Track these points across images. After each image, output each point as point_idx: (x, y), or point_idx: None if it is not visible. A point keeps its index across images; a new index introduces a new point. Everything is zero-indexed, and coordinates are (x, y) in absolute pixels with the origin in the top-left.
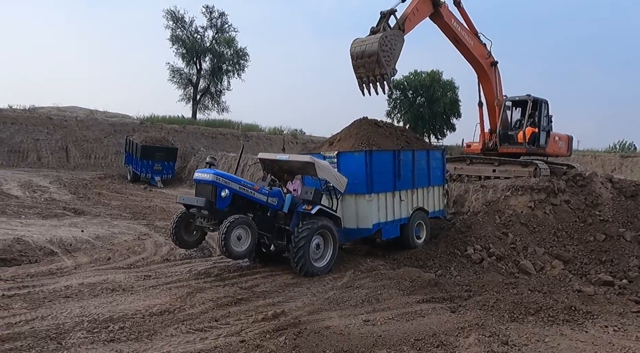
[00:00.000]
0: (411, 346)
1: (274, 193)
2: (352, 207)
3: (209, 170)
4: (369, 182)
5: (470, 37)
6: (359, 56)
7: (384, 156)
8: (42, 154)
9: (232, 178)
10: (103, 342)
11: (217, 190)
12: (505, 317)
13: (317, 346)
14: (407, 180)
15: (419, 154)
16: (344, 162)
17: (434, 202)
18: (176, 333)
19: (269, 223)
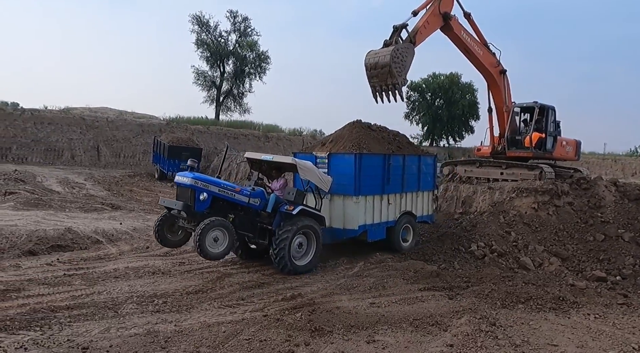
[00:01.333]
0: (410, 324)
1: (256, 193)
2: (340, 208)
3: (189, 174)
4: (357, 184)
5: (480, 47)
6: (372, 67)
7: (373, 159)
8: (75, 152)
9: (211, 181)
10: (150, 312)
11: (196, 194)
12: (497, 304)
13: (328, 321)
14: (396, 184)
15: (410, 159)
16: (334, 163)
17: (423, 207)
18: (210, 308)
19: (251, 223)
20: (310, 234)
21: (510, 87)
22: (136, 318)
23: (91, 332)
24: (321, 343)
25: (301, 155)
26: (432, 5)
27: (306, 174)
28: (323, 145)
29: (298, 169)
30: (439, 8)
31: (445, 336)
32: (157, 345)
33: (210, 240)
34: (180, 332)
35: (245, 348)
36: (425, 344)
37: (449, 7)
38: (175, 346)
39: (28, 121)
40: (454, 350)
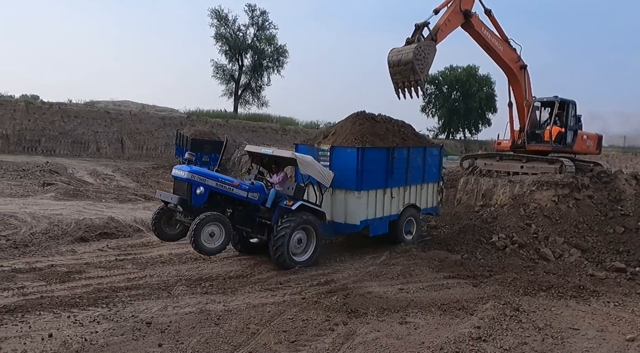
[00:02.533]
0: (438, 308)
1: (255, 188)
2: (342, 202)
3: (186, 167)
4: (359, 179)
5: (500, 43)
6: (395, 64)
7: (376, 153)
8: (100, 145)
9: (209, 175)
10: (199, 294)
11: (193, 188)
12: (519, 291)
13: (362, 304)
14: (400, 177)
15: (415, 150)
16: (336, 157)
17: (427, 199)
18: (252, 291)
19: (250, 218)
20: (310, 230)
21: (531, 81)
22: (188, 299)
23: (151, 309)
24: (358, 323)
25: (303, 147)
26: (453, 3)
27: (306, 168)
28: (325, 137)
29: (298, 163)
30: (459, 6)
31: (472, 319)
32: (211, 322)
33: (206, 235)
34: (229, 311)
35: (289, 326)
36: (454, 326)
37: (469, 4)
38: (227, 323)
39: (56, 114)
40: (481, 331)
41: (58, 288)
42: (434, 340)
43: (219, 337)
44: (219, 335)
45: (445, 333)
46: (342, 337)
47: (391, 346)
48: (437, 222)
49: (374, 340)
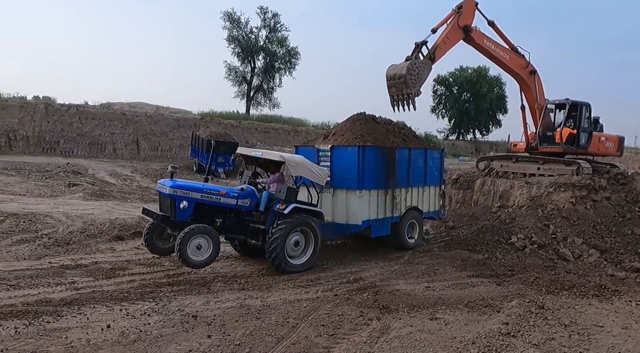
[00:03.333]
0: (465, 305)
1: (245, 194)
2: (343, 202)
3: (168, 182)
4: (361, 178)
5: (506, 52)
6: (391, 78)
7: (377, 152)
8: (117, 146)
9: (192, 187)
10: (237, 290)
11: (176, 202)
12: (542, 290)
13: (392, 301)
14: (402, 178)
15: (416, 152)
16: (337, 156)
17: (429, 202)
18: (286, 288)
19: (243, 225)
20: (308, 231)
21: (543, 85)
22: (227, 294)
23: (194, 303)
24: (390, 319)
25: (304, 149)
26: (452, 20)
27: (297, 169)
28: (325, 138)
29: (287, 165)
30: (458, 22)
31: (499, 316)
32: (252, 316)
33: (192, 249)
34: (268, 306)
35: (327, 321)
36: (482, 322)
37: (469, 19)
38: (267, 317)
39: (73, 116)
40: (509, 327)
41: (105, 283)
42: (465, 335)
43: (262, 330)
44: (262, 328)
45: (475, 328)
46: (378, 331)
47: (425, 340)
48: (455, 222)
49: (408, 335)
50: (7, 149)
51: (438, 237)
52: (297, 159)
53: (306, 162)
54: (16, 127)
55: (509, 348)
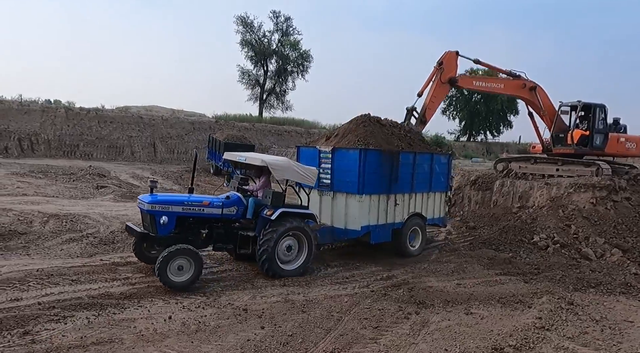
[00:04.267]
0: (497, 301)
1: (230, 202)
2: (342, 206)
3: (146, 198)
4: (361, 182)
5: (498, 82)
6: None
7: (380, 156)
8: (134, 149)
9: (172, 201)
10: (279, 286)
11: (156, 218)
12: (569, 287)
13: (427, 297)
14: (405, 183)
15: (421, 156)
16: (338, 159)
17: (434, 209)
18: (324, 284)
19: (231, 234)
20: (300, 236)
21: (547, 94)
22: (270, 290)
23: (242, 298)
24: (428, 313)
25: (306, 149)
26: (435, 78)
27: (282, 173)
28: (328, 139)
29: (271, 169)
30: (441, 78)
31: (532, 311)
32: (298, 310)
33: (174, 269)
34: (311, 301)
35: (368, 315)
36: (516, 317)
37: (452, 72)
38: (312, 311)
39: (92, 120)
40: (543, 322)
41: (156, 279)
42: (501, 329)
43: (309, 322)
44: (309, 321)
45: (510, 322)
46: (418, 324)
47: (464, 333)
48: (476, 222)
49: (447, 328)
50: (29, 152)
51: (461, 237)
52: (280, 162)
53: (291, 163)
54: (38, 130)
55: (545, 341)
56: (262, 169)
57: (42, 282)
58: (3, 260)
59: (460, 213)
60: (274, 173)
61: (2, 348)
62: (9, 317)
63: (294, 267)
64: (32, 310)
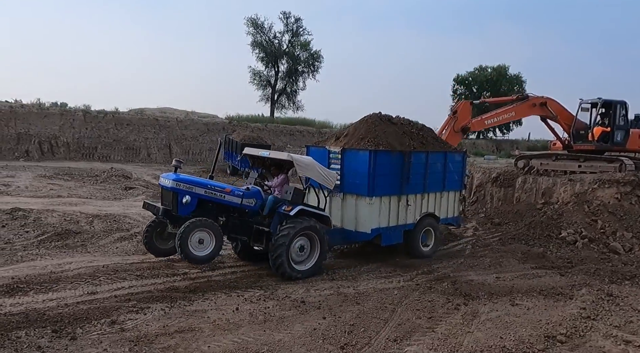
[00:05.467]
0: (538, 293)
1: (250, 194)
2: (352, 208)
3: (171, 175)
4: (371, 184)
5: (509, 111)
6: None
7: (391, 157)
8: (150, 150)
9: (196, 182)
10: (328, 280)
11: (178, 197)
12: (605, 280)
13: (471, 289)
14: (417, 183)
15: (434, 155)
16: (348, 160)
17: (448, 208)
18: (370, 278)
19: (246, 226)
20: (313, 236)
21: (560, 103)
22: (321, 283)
23: (297, 291)
24: (476, 305)
25: (315, 149)
26: (448, 128)
27: (305, 170)
28: (337, 139)
29: (295, 165)
30: (454, 127)
31: (575, 302)
32: (353, 302)
33: (194, 243)
34: (362, 294)
35: (420, 306)
36: (560, 308)
37: (466, 120)
38: (365, 303)
39: (110, 122)
40: (588, 311)
41: (214, 274)
42: (549, 318)
43: (366, 313)
44: (365, 312)
45: (556, 313)
46: (469, 314)
47: (514, 322)
48: (501, 218)
49: (498, 318)
50: (49, 155)
51: (488, 233)
52: (305, 159)
53: (315, 164)
54: (57, 134)
55: (593, 330)
56: (280, 168)
57: (111, 277)
58: (69, 257)
59: (484, 210)
60: (297, 169)
61: (97, 336)
62: (92, 308)
63: (305, 268)
64: (110, 302)
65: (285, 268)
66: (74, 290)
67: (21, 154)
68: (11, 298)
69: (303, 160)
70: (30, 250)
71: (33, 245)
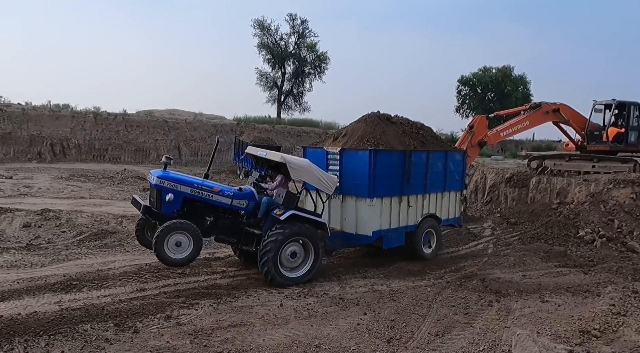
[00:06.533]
0: (566, 290)
1: (242, 194)
2: (352, 210)
3: (157, 172)
4: (372, 184)
5: (522, 121)
6: None
7: (391, 157)
8: (160, 152)
9: (182, 180)
10: (361, 278)
11: (162, 194)
12: (628, 278)
13: (500, 287)
14: (418, 184)
15: (435, 155)
16: (347, 160)
17: (449, 209)
18: (400, 276)
19: (237, 227)
20: (307, 243)
21: (572, 108)
22: (355, 281)
23: (334, 288)
24: (507, 301)
25: (312, 150)
26: (466, 142)
27: (300, 174)
28: (335, 139)
29: (288, 168)
30: (471, 142)
31: (603, 299)
32: (389, 298)
33: (171, 245)
34: (396, 291)
35: (454, 302)
36: (589, 304)
37: (482, 133)
38: (401, 299)
39: (120, 124)
40: (617, 308)
41: (249, 272)
42: (581, 314)
43: (404, 309)
44: (403, 308)
45: (586, 309)
46: (503, 310)
47: (547, 318)
48: (517, 218)
49: (531, 313)
50: (61, 157)
51: (506, 232)
52: (301, 162)
53: (312, 167)
54: (69, 135)
55: (624, 325)
56: (280, 168)
57: (156, 275)
58: (111, 256)
59: (499, 210)
60: (290, 171)
61: (157, 329)
62: (145, 304)
63: (296, 275)
64: (161, 298)
65: (272, 274)
66: (123, 287)
67: (34, 155)
68: (68, 295)
69: (297, 162)
70: (72, 249)
71: (74, 245)
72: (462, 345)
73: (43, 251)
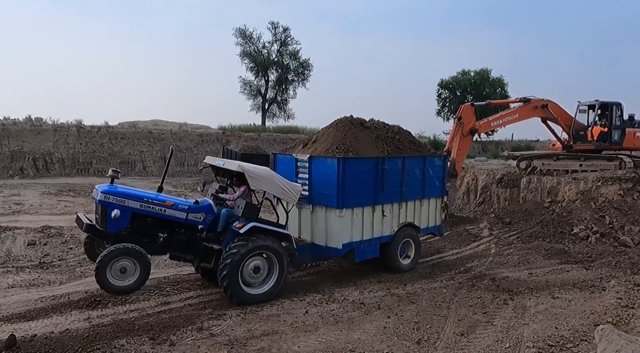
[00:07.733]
0: (573, 286)
1: (198, 207)
2: (322, 221)
3: (102, 187)
4: (341, 194)
5: (512, 113)
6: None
7: (362, 164)
8: (146, 163)
9: (129, 194)
10: (375, 282)
11: (107, 211)
12: (628, 272)
13: (510, 285)
14: (394, 192)
15: (411, 161)
16: (316, 168)
17: (429, 217)
18: (413, 280)
19: (192, 243)
20: (271, 256)
21: (560, 105)
22: (371, 286)
23: (352, 294)
24: (521, 299)
25: (282, 157)
26: (457, 134)
27: (260, 183)
28: (305, 145)
29: (247, 177)
30: (463, 132)
31: (609, 293)
32: (408, 301)
33: (115, 272)
34: (412, 294)
35: (471, 302)
36: (597, 299)
37: (472, 122)
38: (419, 301)
39: (104, 137)
40: (624, 301)
41: None
42: (592, 308)
43: (425, 311)
44: (424, 310)
45: (596, 303)
46: (519, 308)
47: (562, 314)
48: (511, 218)
49: (545, 310)
50: (45, 172)
51: (503, 232)
52: (260, 171)
53: (273, 175)
54: (51, 150)
55: (635, 317)
56: (242, 178)
57: (176, 288)
58: None
59: (492, 210)
60: (249, 181)
61: (192, 341)
62: (174, 317)
63: (259, 291)
64: (187, 310)
65: (233, 290)
66: (147, 301)
67: (15, 171)
68: (94, 311)
69: (256, 171)
70: (85, 265)
71: (86, 261)
72: (487, 344)
73: (57, 268)
